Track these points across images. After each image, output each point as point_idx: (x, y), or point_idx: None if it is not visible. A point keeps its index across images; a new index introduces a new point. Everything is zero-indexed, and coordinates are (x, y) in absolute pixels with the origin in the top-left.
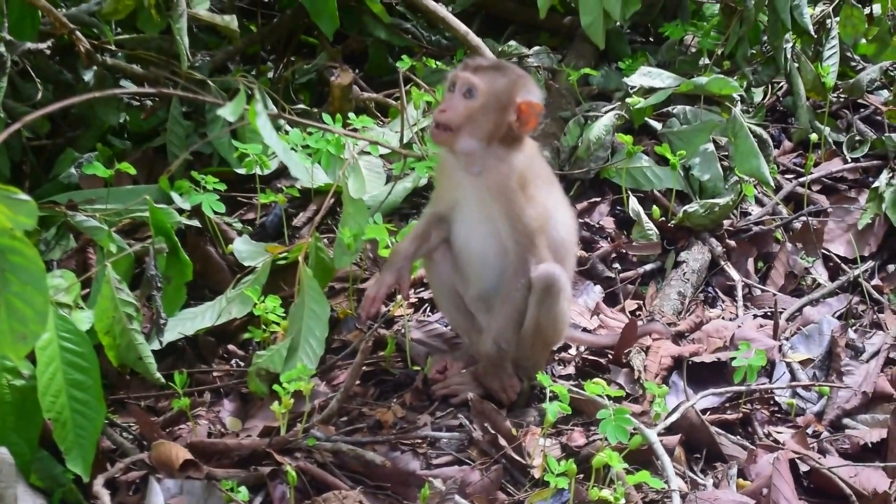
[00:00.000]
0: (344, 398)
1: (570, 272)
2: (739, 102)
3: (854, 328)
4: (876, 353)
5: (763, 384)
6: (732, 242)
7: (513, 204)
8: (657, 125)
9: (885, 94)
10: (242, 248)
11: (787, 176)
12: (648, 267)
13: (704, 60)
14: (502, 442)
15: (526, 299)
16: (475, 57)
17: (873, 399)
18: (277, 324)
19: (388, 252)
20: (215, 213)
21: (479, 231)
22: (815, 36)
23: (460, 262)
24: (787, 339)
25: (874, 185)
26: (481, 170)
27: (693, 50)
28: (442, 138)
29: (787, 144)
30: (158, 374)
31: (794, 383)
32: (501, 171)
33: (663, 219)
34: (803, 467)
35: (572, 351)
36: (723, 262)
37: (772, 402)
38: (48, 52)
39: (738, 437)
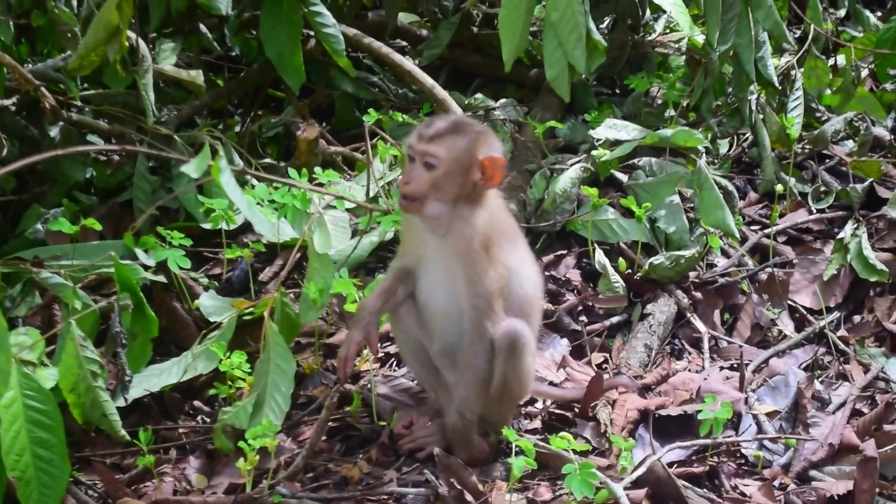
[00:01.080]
0: (310, 454)
1: (536, 327)
2: (705, 154)
3: (820, 379)
4: (842, 405)
5: (730, 437)
6: (698, 294)
7: (475, 266)
8: (623, 177)
9: (850, 144)
10: (208, 303)
11: (752, 227)
12: (615, 319)
13: (670, 112)
14: (468, 497)
15: (488, 362)
16: (430, 121)
17: (840, 451)
18: (243, 379)
19: (355, 307)
20: (181, 268)
21: (442, 287)
22: (780, 87)
23: (425, 317)
24: (753, 390)
25: (839, 236)
26: (447, 231)
27: (659, 102)
28: (410, 208)
29: (752, 196)
30: (123, 432)
31: (760, 436)
32: (465, 233)
33: (629, 271)
34: None
35: (539, 405)
36: (689, 314)
37: (738, 455)
38: (13, 108)
39: (705, 490)
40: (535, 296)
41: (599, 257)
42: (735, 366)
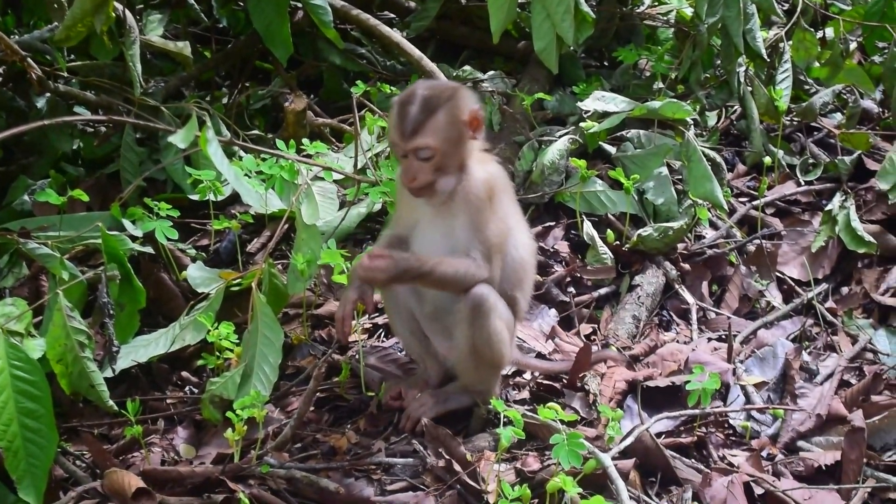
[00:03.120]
0: (298, 425)
1: (528, 292)
2: (693, 126)
3: (808, 350)
4: (830, 376)
5: (717, 408)
6: (687, 266)
7: (480, 214)
8: (611, 149)
9: (839, 117)
10: (196, 274)
11: (740, 199)
12: (603, 291)
13: (658, 85)
14: (457, 467)
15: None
16: (402, 112)
17: (827, 421)
18: (231, 350)
19: (343, 278)
20: (169, 239)
21: (438, 246)
22: (769, 60)
23: None
24: (741, 362)
25: (827, 208)
26: (451, 193)
27: (647, 74)
28: (425, 195)
29: (740, 168)
30: (111, 402)
31: (748, 406)
32: (470, 184)
33: (618, 243)
34: (758, 490)
35: (527, 376)
36: (677, 286)
37: (726, 426)
38: (0, 79)
39: (693, 460)
40: (529, 261)
41: (588, 229)
42: (723, 337)
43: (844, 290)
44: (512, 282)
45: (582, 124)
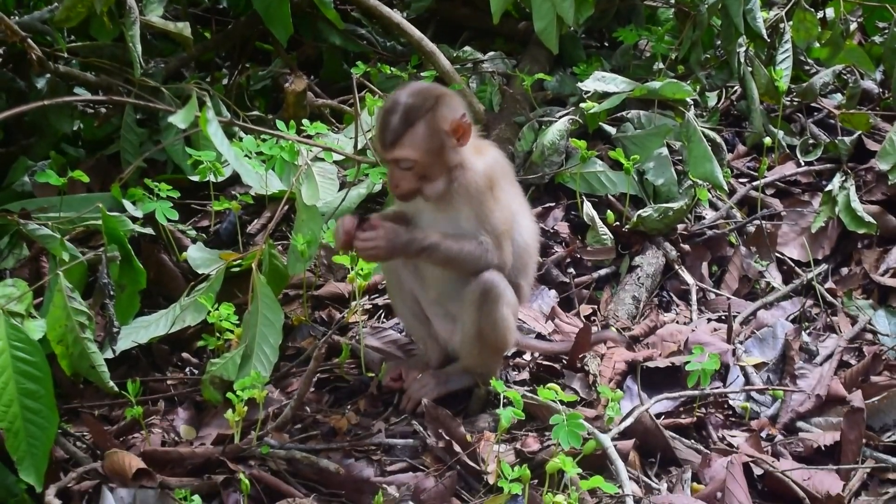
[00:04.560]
0: (298, 405)
1: (531, 277)
2: (693, 107)
3: (808, 331)
4: (829, 356)
5: (717, 388)
6: (686, 246)
7: (482, 206)
8: (611, 130)
9: (839, 97)
10: (196, 255)
11: (740, 180)
12: (603, 271)
13: (658, 65)
14: (456, 448)
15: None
16: (384, 121)
17: (827, 402)
18: (231, 331)
19: (346, 258)
20: (169, 220)
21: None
22: (769, 40)
23: (420, 266)
24: (741, 342)
25: (827, 189)
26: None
27: (647, 54)
28: (412, 199)
29: (740, 148)
30: (111, 383)
31: (748, 387)
32: (469, 177)
33: (618, 223)
34: (757, 471)
35: (527, 356)
36: (677, 267)
37: (726, 406)
38: (0, 59)
39: (693, 441)
40: (533, 245)
41: (588, 209)
42: (723, 318)
43: (844, 270)
44: (517, 268)
45: (582, 105)
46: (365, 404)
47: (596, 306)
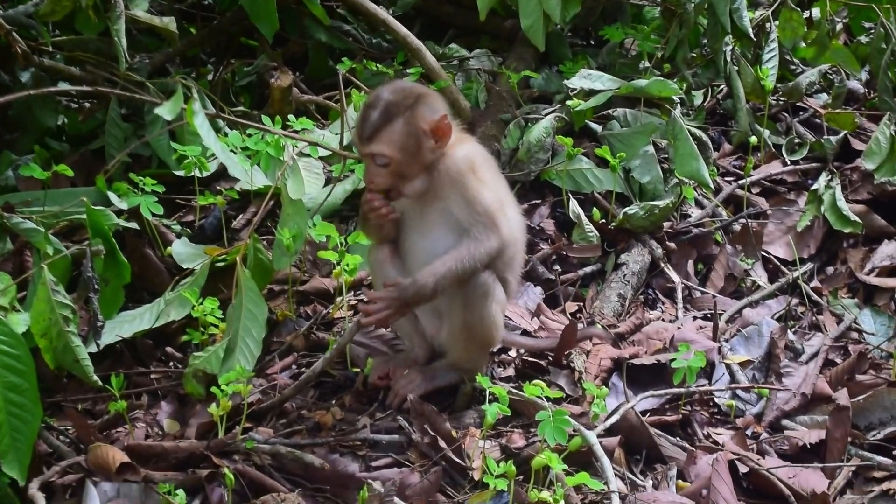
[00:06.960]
0: (280, 401)
1: (518, 271)
2: (679, 105)
3: (793, 330)
4: (815, 355)
5: (702, 386)
6: (672, 244)
7: (468, 189)
8: (597, 127)
9: (825, 97)
10: (181, 250)
11: (726, 178)
12: (589, 269)
13: (645, 63)
14: (442, 444)
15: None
16: (364, 115)
17: (812, 400)
18: (216, 326)
19: (332, 254)
20: (154, 214)
21: (430, 226)
22: (755, 39)
23: (408, 261)
24: (726, 340)
25: (813, 188)
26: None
27: (633, 53)
28: (390, 198)
29: (726, 147)
30: (95, 377)
31: (733, 385)
32: (451, 166)
33: (603, 221)
34: (742, 468)
35: (512, 353)
36: (663, 264)
37: (711, 404)
38: None
39: (678, 438)
40: (519, 238)
41: (574, 207)
42: (708, 315)
43: (830, 269)
44: (504, 262)
45: (568, 102)
46: (350, 399)
47: (582, 303)
